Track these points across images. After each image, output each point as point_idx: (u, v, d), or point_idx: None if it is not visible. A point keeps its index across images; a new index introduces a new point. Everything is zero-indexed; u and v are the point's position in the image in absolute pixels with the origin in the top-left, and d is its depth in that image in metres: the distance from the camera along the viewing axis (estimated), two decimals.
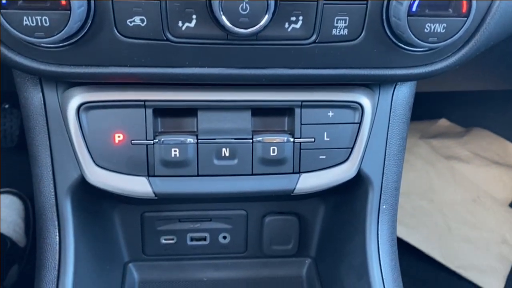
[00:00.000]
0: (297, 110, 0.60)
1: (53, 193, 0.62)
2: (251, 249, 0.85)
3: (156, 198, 0.62)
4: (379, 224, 0.67)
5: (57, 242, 0.62)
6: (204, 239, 0.83)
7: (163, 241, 0.82)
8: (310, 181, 0.63)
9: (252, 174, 0.62)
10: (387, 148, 0.65)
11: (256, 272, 0.85)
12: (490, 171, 1.47)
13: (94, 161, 0.57)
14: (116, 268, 0.80)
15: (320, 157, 0.62)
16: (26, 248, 1.17)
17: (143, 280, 0.83)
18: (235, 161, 0.60)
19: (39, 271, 0.62)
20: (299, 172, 0.63)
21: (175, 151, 0.59)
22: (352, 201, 0.70)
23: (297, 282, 0.84)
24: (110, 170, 0.59)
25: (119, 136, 0.58)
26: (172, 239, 0.82)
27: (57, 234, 0.62)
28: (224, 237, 0.83)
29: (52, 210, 0.62)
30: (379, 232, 0.67)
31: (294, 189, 0.63)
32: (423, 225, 1.35)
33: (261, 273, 0.85)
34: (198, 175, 0.61)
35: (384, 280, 0.65)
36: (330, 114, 0.61)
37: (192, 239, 0.83)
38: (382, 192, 0.67)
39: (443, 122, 1.64)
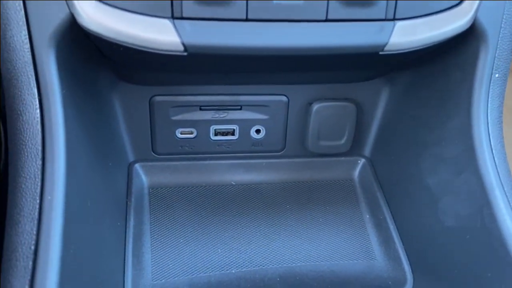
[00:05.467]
0: None
1: (27, 45, 0.41)
2: (291, 146, 0.67)
3: (186, 54, 0.42)
4: (490, 98, 0.49)
5: (38, 118, 0.42)
6: (232, 133, 0.64)
7: (179, 135, 0.63)
8: (409, 33, 0.44)
9: (327, 20, 0.43)
10: None
11: (297, 175, 0.67)
12: None
13: None
14: (119, 169, 0.61)
15: None
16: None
17: (154, 185, 0.64)
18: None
19: (16, 159, 0.42)
20: (394, 19, 0.44)
21: None
22: (452, 69, 0.52)
23: (348, 186, 0.67)
24: (115, 7, 0.40)
25: None
26: (191, 133, 0.63)
27: (38, 105, 0.42)
28: (258, 131, 0.65)
29: (28, 70, 0.42)
30: (489, 110, 0.49)
31: (386, 44, 0.44)
32: None
33: (303, 176, 0.67)
34: (247, 19, 0.42)
35: (500, 173, 0.48)
36: None
37: (216, 133, 0.64)
38: (497, 54, 0.48)
39: None
